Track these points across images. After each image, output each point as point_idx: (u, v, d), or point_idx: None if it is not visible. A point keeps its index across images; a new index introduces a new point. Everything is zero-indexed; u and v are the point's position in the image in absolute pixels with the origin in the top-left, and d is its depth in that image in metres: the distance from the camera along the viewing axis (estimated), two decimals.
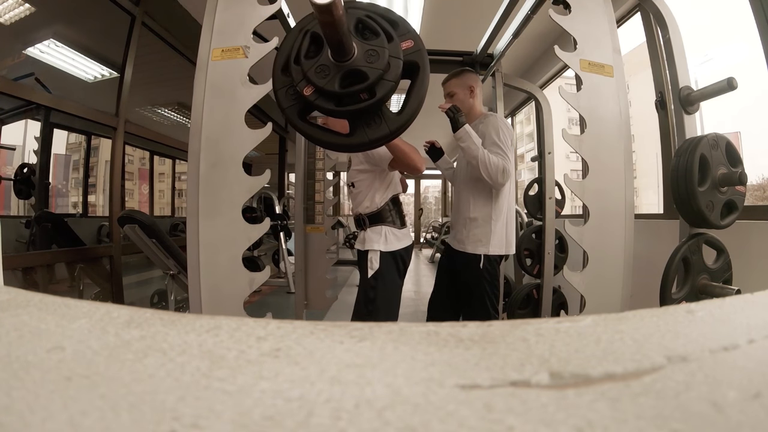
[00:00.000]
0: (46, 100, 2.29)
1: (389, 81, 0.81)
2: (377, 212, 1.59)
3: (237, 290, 1.06)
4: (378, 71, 0.79)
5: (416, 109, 0.86)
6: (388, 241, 1.57)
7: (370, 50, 0.80)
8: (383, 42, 0.80)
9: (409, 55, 0.83)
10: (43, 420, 0.16)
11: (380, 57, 0.79)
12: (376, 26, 0.81)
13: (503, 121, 1.74)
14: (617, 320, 0.27)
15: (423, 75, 0.85)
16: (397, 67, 0.81)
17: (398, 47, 0.82)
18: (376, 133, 0.85)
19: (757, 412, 0.16)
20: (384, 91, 0.81)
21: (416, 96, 0.85)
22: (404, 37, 0.84)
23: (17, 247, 2.51)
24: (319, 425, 0.16)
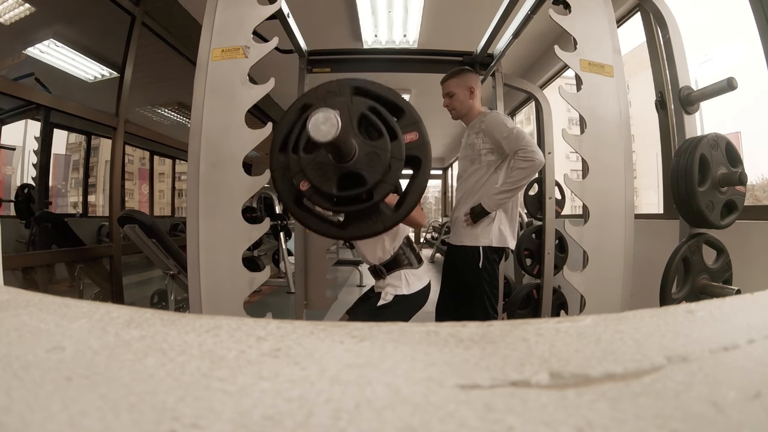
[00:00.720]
0: (46, 100, 2.29)
1: (388, 184, 0.78)
2: (392, 259, 1.55)
3: (237, 290, 1.06)
4: (377, 176, 0.76)
5: (414, 204, 0.84)
6: (410, 284, 1.55)
7: (371, 152, 0.76)
8: (386, 144, 0.77)
9: (412, 149, 0.80)
10: (43, 420, 0.16)
11: (381, 160, 0.76)
12: (379, 124, 0.77)
13: (502, 114, 1.74)
14: (617, 320, 0.27)
15: (424, 170, 0.81)
16: (398, 169, 0.78)
17: (401, 146, 0.78)
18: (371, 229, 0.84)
19: (757, 412, 0.16)
20: (382, 194, 0.78)
21: (415, 192, 0.83)
22: (409, 129, 0.80)
23: (17, 247, 2.51)
24: (319, 425, 0.16)
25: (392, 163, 0.77)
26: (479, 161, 1.71)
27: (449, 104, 1.78)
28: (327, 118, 0.62)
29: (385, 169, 0.77)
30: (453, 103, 1.77)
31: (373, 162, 0.76)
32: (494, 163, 1.68)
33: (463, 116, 1.79)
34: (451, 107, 1.79)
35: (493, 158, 1.68)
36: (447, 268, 1.87)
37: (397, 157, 0.78)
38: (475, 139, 1.73)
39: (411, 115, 0.81)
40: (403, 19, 2.92)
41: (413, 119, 0.81)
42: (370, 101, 0.79)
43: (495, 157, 1.68)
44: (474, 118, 1.76)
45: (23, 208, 2.73)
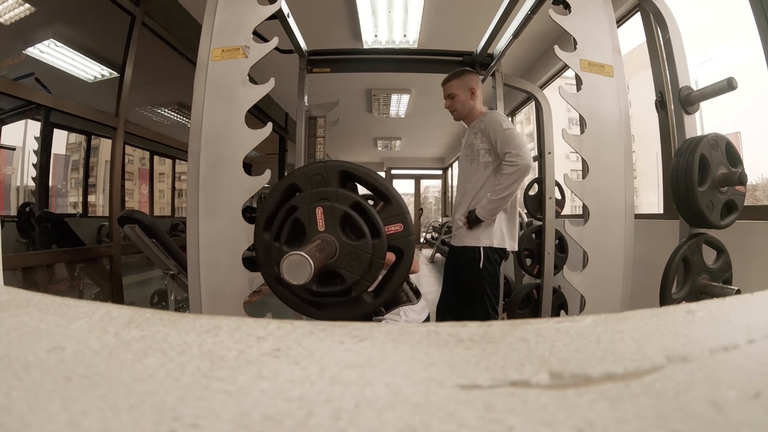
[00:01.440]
0: (46, 100, 2.29)
1: (366, 282, 0.79)
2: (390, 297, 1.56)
3: (237, 290, 1.06)
4: (356, 276, 0.77)
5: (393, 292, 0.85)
6: (410, 319, 1.54)
7: (352, 252, 0.77)
8: (367, 244, 0.77)
9: (394, 240, 0.80)
10: (43, 420, 0.16)
11: (361, 260, 0.77)
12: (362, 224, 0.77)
13: (502, 114, 1.74)
14: (617, 320, 0.27)
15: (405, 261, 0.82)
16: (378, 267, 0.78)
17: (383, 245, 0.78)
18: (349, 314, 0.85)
19: (757, 412, 0.16)
20: (360, 290, 0.79)
21: (395, 281, 0.84)
22: (394, 220, 0.80)
23: (17, 247, 2.51)
24: (319, 425, 0.16)
25: (373, 262, 0.78)
26: (478, 161, 1.71)
27: (451, 106, 1.78)
28: (300, 263, 0.63)
29: (364, 269, 0.77)
30: (454, 105, 1.77)
31: (353, 262, 0.77)
32: (492, 163, 1.68)
33: (464, 117, 1.79)
34: (452, 109, 1.79)
35: (490, 159, 1.68)
36: (448, 268, 1.87)
37: (378, 257, 0.78)
38: (474, 139, 1.73)
39: (398, 205, 0.81)
40: (403, 19, 2.92)
41: (399, 210, 0.81)
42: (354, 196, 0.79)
43: (492, 158, 1.68)
44: (475, 119, 1.76)
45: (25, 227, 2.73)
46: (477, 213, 1.63)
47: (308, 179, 0.81)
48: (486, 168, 1.69)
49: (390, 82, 4.40)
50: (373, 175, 0.82)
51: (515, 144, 1.57)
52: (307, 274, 0.63)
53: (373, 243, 0.77)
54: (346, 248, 0.77)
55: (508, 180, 1.56)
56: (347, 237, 0.78)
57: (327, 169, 0.81)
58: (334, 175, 0.81)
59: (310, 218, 0.77)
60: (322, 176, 0.81)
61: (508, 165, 1.56)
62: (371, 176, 0.82)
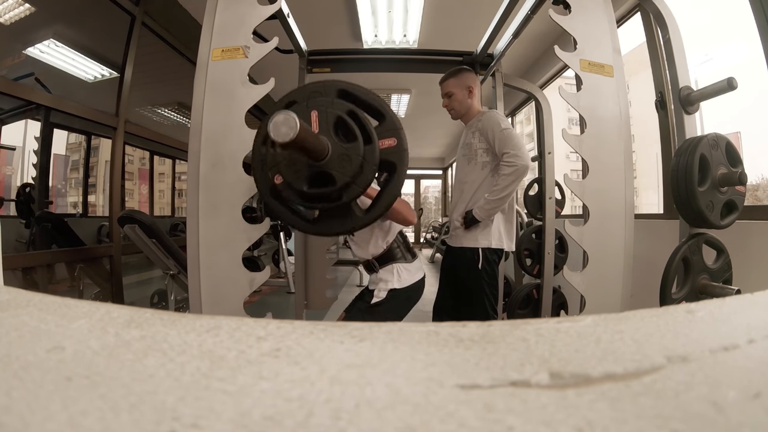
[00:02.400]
0: (46, 100, 2.29)
1: (357, 187, 0.79)
2: (385, 252, 1.55)
3: (237, 290, 1.06)
4: (346, 178, 0.78)
5: (385, 209, 0.86)
6: (402, 278, 1.53)
7: (343, 154, 0.78)
8: (358, 148, 0.78)
9: (388, 155, 0.81)
10: (43, 420, 0.16)
11: (352, 162, 0.77)
12: (354, 128, 0.78)
13: (501, 114, 1.74)
14: (617, 320, 0.27)
15: (399, 176, 0.83)
16: (370, 173, 0.79)
17: (375, 151, 0.79)
18: (341, 227, 0.86)
19: (757, 412, 0.16)
20: (351, 196, 0.80)
21: (387, 196, 0.84)
22: (388, 135, 0.81)
23: (17, 247, 2.51)
24: (319, 425, 0.16)
25: (364, 166, 0.78)
26: (475, 161, 1.71)
27: (448, 104, 1.78)
28: (286, 120, 0.62)
29: (355, 172, 0.78)
30: (452, 103, 1.76)
31: (344, 164, 0.78)
32: (490, 163, 1.68)
33: (462, 116, 1.79)
34: (450, 107, 1.78)
35: (488, 158, 1.68)
36: (446, 269, 1.87)
37: (370, 161, 0.79)
38: (472, 139, 1.73)
39: (392, 121, 0.83)
40: (403, 19, 2.92)
41: (393, 126, 0.82)
42: (349, 105, 0.80)
43: (490, 158, 1.67)
44: (473, 118, 1.75)
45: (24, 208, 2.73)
46: (474, 213, 1.63)
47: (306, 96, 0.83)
48: (484, 168, 1.69)
49: (390, 82, 4.40)
50: (368, 92, 0.84)
51: (513, 144, 1.57)
52: (293, 131, 0.62)
53: (365, 148, 0.78)
54: (338, 150, 0.78)
55: (506, 180, 1.56)
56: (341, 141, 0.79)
57: (325, 87, 0.83)
58: (332, 91, 0.83)
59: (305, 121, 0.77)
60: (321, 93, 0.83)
61: (506, 165, 1.56)
62: (366, 93, 0.83)
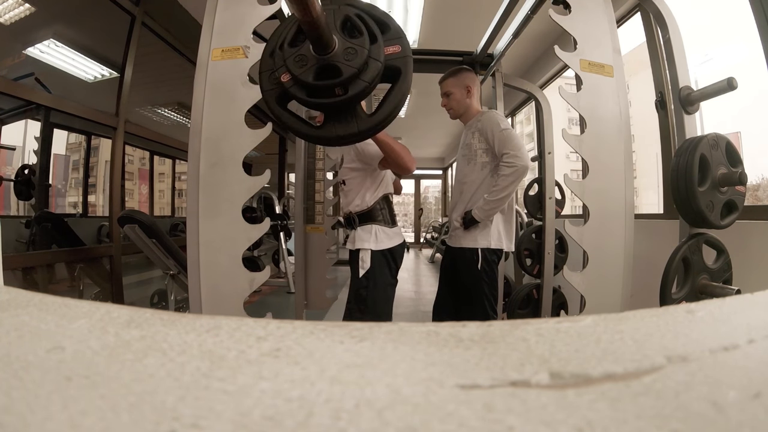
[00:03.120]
0: (46, 100, 2.29)
1: (363, 81, 0.80)
2: (368, 211, 1.58)
3: (237, 290, 1.06)
4: (353, 69, 0.79)
5: (390, 113, 0.86)
6: (379, 240, 1.56)
7: (349, 48, 0.79)
8: (364, 42, 0.80)
9: (392, 60, 0.82)
10: (43, 420, 0.16)
11: (358, 56, 0.79)
12: (360, 25, 0.81)
13: (500, 114, 1.74)
14: (617, 320, 0.27)
15: (404, 81, 0.84)
16: (375, 68, 0.80)
17: (380, 50, 0.81)
18: (345, 131, 0.85)
19: (757, 412, 0.16)
20: (357, 89, 0.80)
21: (393, 100, 0.85)
22: (392, 42, 0.83)
23: (17, 247, 2.51)
24: (319, 425, 0.16)
25: (369, 61, 0.80)
26: (475, 161, 1.71)
27: (447, 104, 1.78)
28: None
29: (361, 65, 0.79)
30: (450, 103, 1.76)
31: (350, 56, 0.79)
32: (489, 163, 1.68)
33: (460, 115, 1.79)
34: (448, 107, 1.78)
35: (488, 159, 1.68)
36: (445, 269, 1.87)
37: (375, 57, 0.80)
38: (472, 139, 1.73)
39: (396, 30, 0.84)
40: (403, 19, 2.92)
41: (397, 34, 0.84)
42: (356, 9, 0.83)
43: (490, 158, 1.67)
44: (472, 118, 1.75)
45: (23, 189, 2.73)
46: (473, 214, 1.63)
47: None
48: (483, 168, 1.69)
49: None
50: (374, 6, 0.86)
51: (513, 144, 1.57)
52: None
53: (371, 46, 0.80)
54: (344, 44, 0.79)
55: (506, 181, 1.56)
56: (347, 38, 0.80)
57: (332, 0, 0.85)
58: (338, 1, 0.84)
59: None
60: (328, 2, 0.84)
61: (505, 166, 1.56)
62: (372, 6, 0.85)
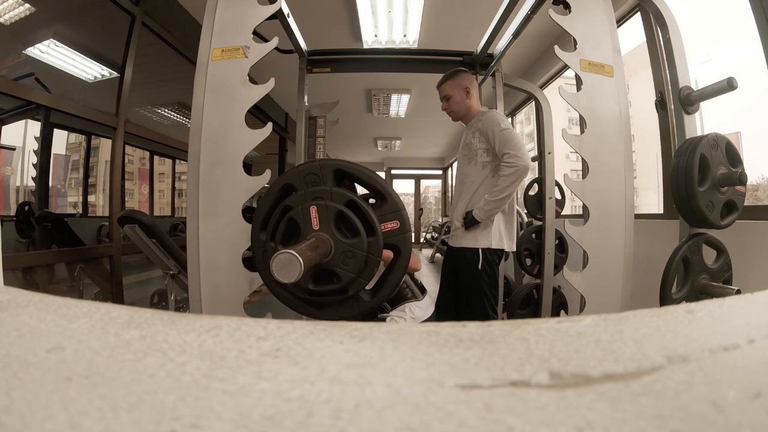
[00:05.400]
0: (46, 100, 2.29)
1: (363, 280, 0.79)
2: (396, 294, 1.56)
3: (237, 290, 1.06)
4: (352, 274, 0.77)
5: (391, 291, 0.85)
6: (415, 316, 1.55)
7: (347, 251, 0.77)
8: (362, 242, 0.77)
9: (391, 238, 0.80)
10: (43, 420, 0.16)
11: (357, 258, 0.77)
12: (356, 221, 0.77)
13: (501, 114, 1.73)
14: (617, 320, 0.27)
15: (402, 259, 0.82)
16: (374, 265, 0.78)
17: (379, 243, 0.78)
18: (347, 313, 0.85)
19: (757, 412, 0.16)
20: (356, 288, 0.80)
21: (392, 280, 0.84)
22: (390, 217, 0.80)
23: (17, 247, 2.51)
24: (319, 425, 0.16)
25: (368, 260, 0.78)
26: (475, 161, 1.71)
27: (447, 107, 1.78)
28: (289, 261, 0.62)
29: (360, 267, 0.77)
30: (451, 106, 1.76)
31: (348, 260, 0.77)
32: (490, 163, 1.68)
33: (462, 117, 1.78)
34: (449, 110, 1.78)
35: (488, 159, 1.68)
36: (446, 268, 1.87)
37: (374, 254, 0.78)
38: (472, 139, 1.73)
39: (394, 203, 0.81)
40: (403, 19, 2.92)
41: (395, 207, 0.81)
42: (348, 195, 0.79)
43: (491, 158, 1.67)
44: (473, 118, 1.75)
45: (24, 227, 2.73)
46: (474, 214, 1.63)
47: (302, 178, 0.81)
48: (484, 168, 1.69)
49: (390, 82, 4.40)
50: (367, 172, 0.82)
51: (513, 144, 1.57)
52: (297, 272, 0.62)
53: (368, 241, 0.77)
54: (341, 246, 0.77)
55: (506, 181, 1.55)
56: (342, 235, 0.78)
57: (321, 168, 0.81)
58: (328, 173, 0.81)
59: (305, 217, 0.77)
60: (317, 175, 0.81)
61: (506, 166, 1.56)
62: (366, 174, 0.82)
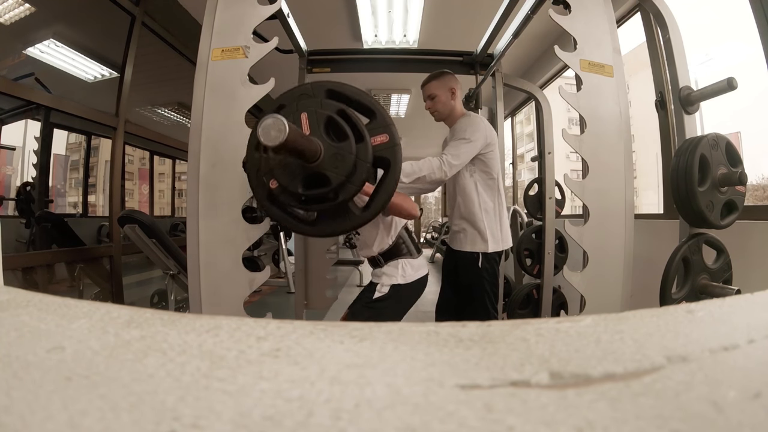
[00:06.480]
0: (46, 100, 2.29)
1: (353, 185, 0.79)
2: (391, 248, 1.55)
3: (237, 290, 1.06)
4: (341, 177, 0.77)
5: (382, 205, 0.85)
6: (406, 274, 1.53)
7: (336, 154, 0.77)
8: (351, 146, 0.78)
9: (381, 151, 0.81)
10: (43, 420, 0.16)
11: (345, 161, 0.77)
12: (345, 127, 0.78)
13: (479, 118, 1.72)
14: (617, 320, 0.27)
15: (393, 171, 0.83)
16: (364, 170, 0.79)
17: (367, 149, 0.79)
18: (339, 227, 0.86)
19: (757, 412, 0.16)
20: (347, 194, 0.80)
21: (384, 192, 0.84)
22: (379, 131, 0.82)
23: (17, 247, 2.51)
24: (319, 425, 0.16)
25: (357, 164, 0.78)
26: None
27: (431, 107, 1.78)
28: (275, 123, 0.62)
29: (349, 171, 0.78)
30: (435, 105, 1.76)
31: (337, 163, 0.78)
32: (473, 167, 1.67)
33: (445, 118, 1.79)
34: (433, 109, 1.78)
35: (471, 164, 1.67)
36: (446, 268, 1.87)
37: (363, 159, 0.79)
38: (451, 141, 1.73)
39: (382, 118, 0.83)
40: (403, 19, 2.92)
41: (384, 122, 0.83)
42: (339, 104, 0.80)
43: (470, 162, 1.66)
44: (456, 120, 1.75)
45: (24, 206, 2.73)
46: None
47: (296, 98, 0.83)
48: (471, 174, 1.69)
49: (390, 82, 4.40)
50: (357, 90, 0.84)
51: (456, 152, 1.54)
52: (282, 134, 0.62)
53: (357, 146, 0.79)
54: (330, 150, 0.78)
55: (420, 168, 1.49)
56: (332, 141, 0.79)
57: (313, 88, 0.83)
58: (320, 93, 0.83)
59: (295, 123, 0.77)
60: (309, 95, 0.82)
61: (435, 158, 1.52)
62: (355, 91, 0.83)
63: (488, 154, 1.67)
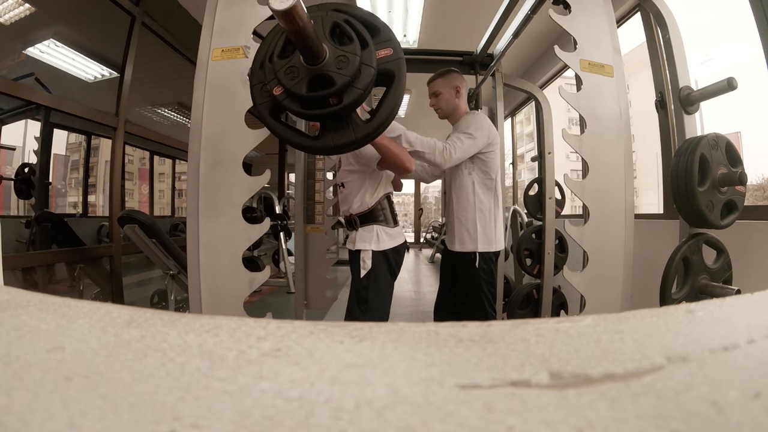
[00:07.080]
0: (46, 100, 2.29)
1: (357, 89, 0.79)
2: (369, 212, 1.57)
3: (237, 290, 1.06)
4: (346, 78, 0.77)
5: (387, 118, 0.85)
6: (381, 241, 1.55)
7: (341, 56, 0.78)
8: (356, 49, 0.78)
9: (385, 64, 0.81)
10: (43, 420, 0.16)
11: (350, 63, 0.77)
12: (350, 31, 0.79)
13: (484, 117, 1.73)
14: (617, 320, 0.27)
15: (398, 84, 0.83)
16: (368, 75, 0.79)
17: (372, 55, 0.80)
18: (342, 139, 0.84)
19: (757, 412, 0.16)
20: (351, 98, 0.79)
21: (388, 104, 0.84)
22: (383, 45, 0.82)
23: (17, 247, 2.51)
24: (319, 425, 0.16)
25: (362, 68, 0.79)
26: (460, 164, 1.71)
27: (435, 104, 1.79)
28: None
29: (354, 72, 0.78)
30: (439, 103, 1.77)
31: (342, 65, 0.78)
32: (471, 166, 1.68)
33: (449, 115, 1.79)
34: (437, 107, 1.79)
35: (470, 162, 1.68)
36: (445, 268, 1.88)
37: (367, 63, 0.79)
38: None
39: (386, 32, 0.83)
40: (403, 19, 2.92)
41: (388, 36, 0.83)
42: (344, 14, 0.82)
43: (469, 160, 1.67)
44: (459, 119, 1.76)
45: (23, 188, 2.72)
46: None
47: None
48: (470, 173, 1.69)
49: None
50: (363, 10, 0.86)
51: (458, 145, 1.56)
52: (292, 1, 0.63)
53: (362, 52, 0.79)
54: (335, 53, 0.78)
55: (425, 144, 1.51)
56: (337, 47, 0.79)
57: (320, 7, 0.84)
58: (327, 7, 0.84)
59: None
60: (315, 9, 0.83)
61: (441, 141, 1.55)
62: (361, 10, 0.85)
63: (489, 154, 1.67)
